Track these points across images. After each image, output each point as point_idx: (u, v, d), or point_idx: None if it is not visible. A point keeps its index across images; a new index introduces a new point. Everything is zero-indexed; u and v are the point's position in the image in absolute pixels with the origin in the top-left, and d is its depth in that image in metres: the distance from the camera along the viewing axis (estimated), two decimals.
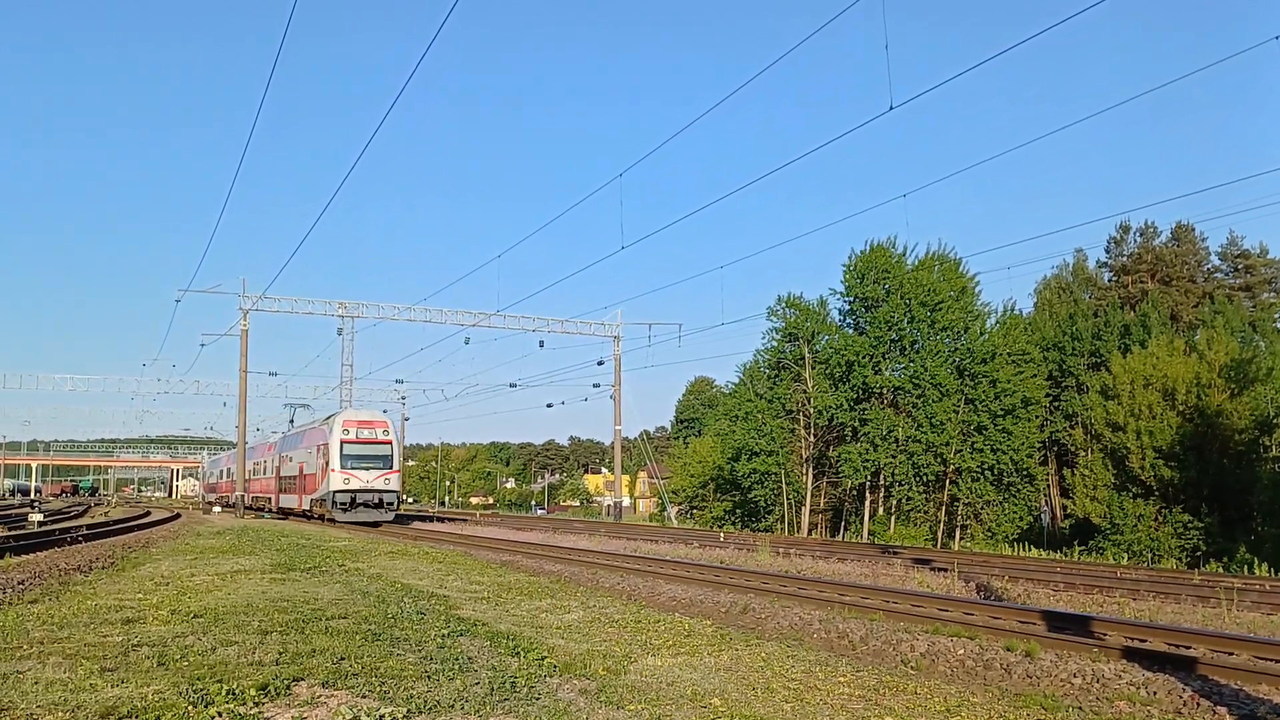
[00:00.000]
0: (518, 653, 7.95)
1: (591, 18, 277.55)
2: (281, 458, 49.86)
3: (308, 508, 42.56)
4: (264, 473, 55.86)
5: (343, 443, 38.57)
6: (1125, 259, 64.88)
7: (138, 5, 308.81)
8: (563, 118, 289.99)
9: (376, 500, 38.47)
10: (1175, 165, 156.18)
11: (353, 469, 38.24)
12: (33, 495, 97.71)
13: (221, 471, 72.63)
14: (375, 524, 37.57)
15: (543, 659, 7.71)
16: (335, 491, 37.85)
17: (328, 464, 38.73)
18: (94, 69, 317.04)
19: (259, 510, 53.73)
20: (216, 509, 59.51)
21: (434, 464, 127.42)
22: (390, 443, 39.56)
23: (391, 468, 39.23)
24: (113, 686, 6.24)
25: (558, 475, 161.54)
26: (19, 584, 12.79)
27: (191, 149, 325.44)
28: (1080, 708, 7.30)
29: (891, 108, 15.05)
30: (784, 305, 49.15)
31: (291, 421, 58.58)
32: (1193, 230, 62.75)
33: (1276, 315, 57.83)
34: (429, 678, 6.82)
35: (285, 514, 48.07)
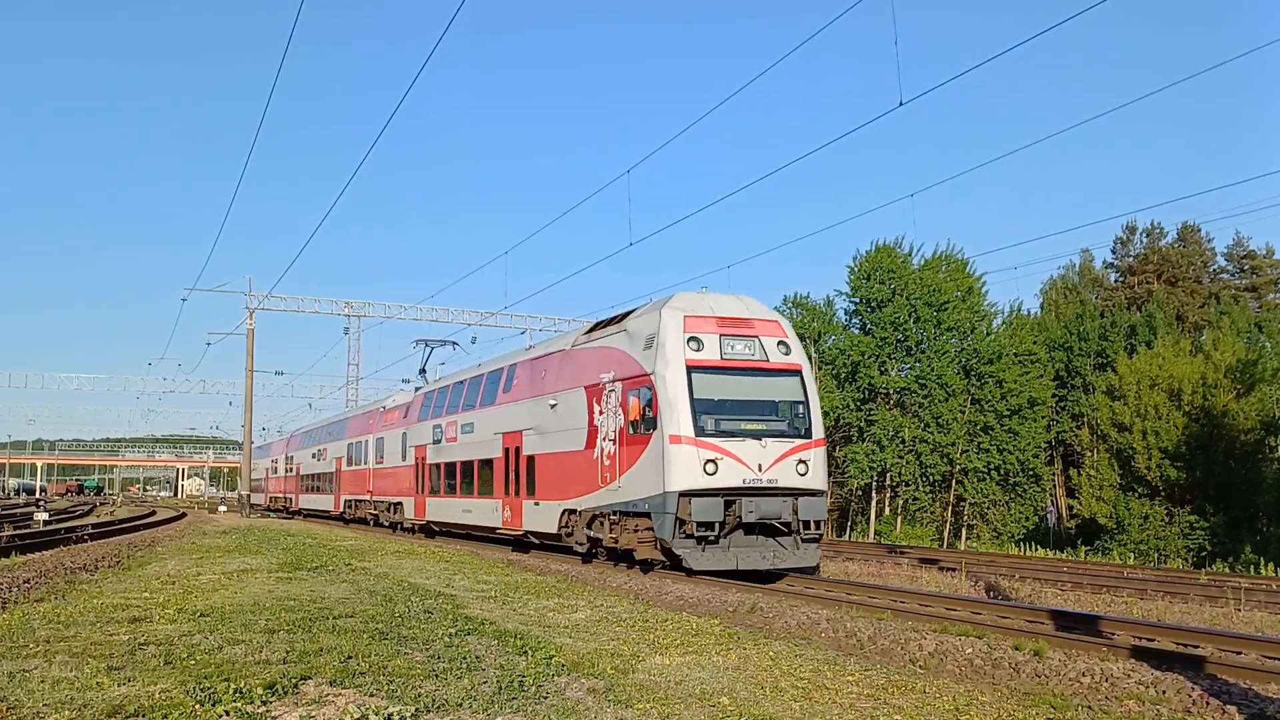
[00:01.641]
0: (525, 652, 7.93)
1: (598, 15, 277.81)
2: (445, 427, 26.45)
3: (549, 530, 19.95)
4: (363, 460, 34.52)
5: (691, 368, 15.59)
6: (1131, 259, 64.74)
7: (141, 6, 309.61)
8: (570, 116, 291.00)
9: (788, 514, 15.42)
10: (1181, 166, 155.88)
11: (722, 433, 15.35)
12: (38, 494, 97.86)
13: (315, 454, 44.32)
14: (773, 577, 16.28)
15: (550, 658, 7.69)
16: (684, 494, 15.05)
17: (654, 421, 15.65)
18: (101, 71, 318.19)
19: (361, 520, 35.21)
20: (214, 510, 58.26)
21: None
22: (800, 369, 16.59)
23: (810, 435, 16.09)
24: (119, 685, 6.23)
25: None
26: (25, 582, 12.79)
27: (198, 149, 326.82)
28: (1089, 706, 7.26)
29: (901, 103, 15.08)
30: (790, 305, 49.10)
31: (423, 372, 35.13)
32: (1199, 231, 62.63)
33: None
34: (437, 676, 6.80)
35: (432, 533, 28.15)
